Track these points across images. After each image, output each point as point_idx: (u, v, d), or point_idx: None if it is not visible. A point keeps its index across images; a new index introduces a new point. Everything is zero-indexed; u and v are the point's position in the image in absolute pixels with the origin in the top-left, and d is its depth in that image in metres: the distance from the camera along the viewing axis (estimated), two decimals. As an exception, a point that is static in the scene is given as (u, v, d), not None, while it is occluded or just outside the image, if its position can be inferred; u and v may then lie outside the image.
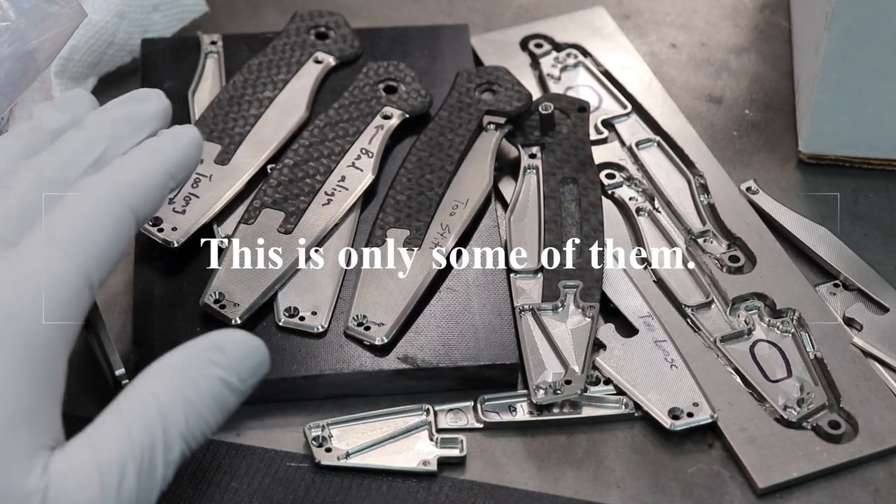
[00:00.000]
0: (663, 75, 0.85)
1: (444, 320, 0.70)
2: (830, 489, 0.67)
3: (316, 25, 0.84)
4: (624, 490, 0.67)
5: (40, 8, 0.68)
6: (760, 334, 0.72)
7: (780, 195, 0.79)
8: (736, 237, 0.76)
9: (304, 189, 0.75)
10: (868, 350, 0.71)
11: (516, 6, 0.90)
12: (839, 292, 0.74)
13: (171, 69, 0.82)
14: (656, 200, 0.78)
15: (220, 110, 0.79)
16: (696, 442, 0.68)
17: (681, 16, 0.90)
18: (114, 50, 0.83)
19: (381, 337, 0.69)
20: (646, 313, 0.72)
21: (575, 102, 0.80)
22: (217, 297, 0.70)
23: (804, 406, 0.69)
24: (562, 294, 0.72)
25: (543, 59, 0.85)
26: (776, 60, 0.87)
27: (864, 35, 0.75)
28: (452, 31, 0.85)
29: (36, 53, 0.69)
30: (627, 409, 0.69)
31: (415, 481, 0.66)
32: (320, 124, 0.78)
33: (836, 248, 0.76)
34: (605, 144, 0.81)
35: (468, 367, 0.69)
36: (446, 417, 0.69)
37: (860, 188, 0.80)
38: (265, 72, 0.81)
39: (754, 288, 0.73)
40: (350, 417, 0.68)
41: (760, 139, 0.82)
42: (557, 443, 0.68)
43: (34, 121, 0.63)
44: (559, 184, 0.76)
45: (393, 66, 0.81)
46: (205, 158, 0.76)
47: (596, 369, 0.70)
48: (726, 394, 0.69)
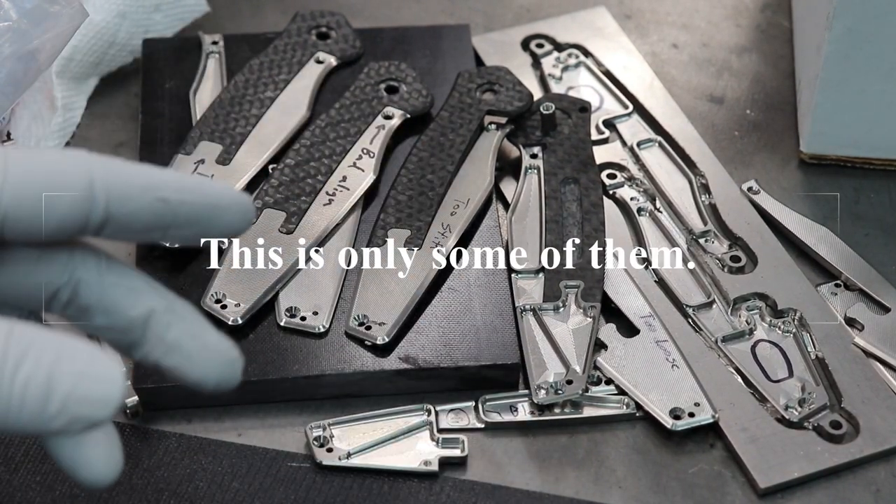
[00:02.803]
0: (664, 75, 0.85)
1: (446, 320, 0.70)
2: (832, 489, 0.67)
3: (317, 25, 0.84)
4: (625, 490, 0.67)
5: (42, 8, 0.68)
6: (762, 334, 0.72)
7: (781, 195, 0.79)
8: (737, 237, 0.76)
9: (305, 189, 0.75)
10: (869, 350, 0.71)
11: (517, 6, 0.90)
12: (840, 292, 0.74)
13: (172, 69, 0.82)
14: (657, 200, 0.78)
15: (221, 110, 0.79)
16: (698, 442, 0.68)
17: (682, 16, 0.90)
18: (115, 50, 0.83)
19: (383, 336, 0.69)
20: (647, 313, 0.72)
21: (576, 102, 0.80)
22: (218, 297, 0.70)
23: (805, 406, 0.69)
24: (563, 294, 0.72)
25: (545, 59, 0.85)
26: (777, 60, 0.87)
27: (865, 35, 0.75)
28: (454, 31, 0.85)
29: (37, 53, 0.69)
30: (629, 409, 0.69)
31: (416, 481, 0.66)
32: (321, 124, 0.78)
33: (838, 248, 0.76)
34: (606, 144, 0.81)
35: (469, 368, 0.69)
36: (447, 417, 0.69)
37: (861, 188, 0.80)
38: (266, 72, 0.81)
39: (755, 288, 0.73)
40: (351, 417, 0.68)
41: (762, 139, 0.82)
42: (559, 443, 0.68)
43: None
44: (560, 184, 0.76)
45: (394, 66, 0.81)
46: (206, 158, 0.76)
47: (597, 369, 0.70)
48: (727, 394, 0.69)
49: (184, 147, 0.77)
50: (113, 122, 0.82)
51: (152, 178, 0.52)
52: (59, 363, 0.49)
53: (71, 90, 0.82)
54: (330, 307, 0.70)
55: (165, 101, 0.81)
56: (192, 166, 0.76)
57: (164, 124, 0.79)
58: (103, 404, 0.49)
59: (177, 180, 0.53)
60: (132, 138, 0.81)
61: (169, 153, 0.77)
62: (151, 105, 0.80)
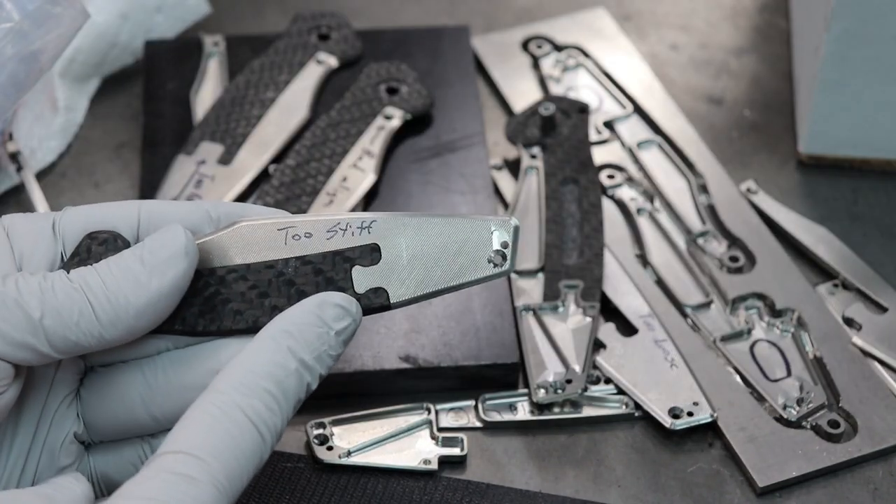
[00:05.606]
0: (663, 76, 0.86)
1: (446, 320, 0.71)
2: (830, 488, 0.67)
3: (318, 26, 0.84)
4: (624, 489, 0.67)
5: (44, 9, 0.68)
6: (760, 334, 0.72)
7: (779, 195, 0.79)
8: (736, 237, 0.76)
9: (306, 189, 0.75)
10: (867, 349, 0.71)
11: (517, 7, 0.90)
12: (838, 292, 0.74)
13: (173, 70, 0.82)
14: (656, 201, 0.78)
15: (222, 111, 0.79)
16: (696, 441, 0.69)
17: (681, 17, 0.90)
18: (117, 51, 0.83)
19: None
20: (646, 313, 0.73)
21: (575, 103, 0.80)
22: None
23: (804, 405, 0.69)
24: (562, 294, 0.72)
25: (544, 60, 0.86)
26: (776, 61, 0.87)
27: (863, 36, 0.75)
28: (453, 32, 0.86)
29: (39, 54, 0.69)
30: (628, 408, 0.69)
31: (411, 480, 0.66)
32: (322, 125, 0.78)
33: (836, 248, 0.76)
34: (605, 145, 0.81)
35: (469, 367, 0.69)
36: (447, 416, 0.69)
37: (859, 188, 0.80)
38: (267, 73, 0.81)
39: (754, 288, 0.74)
40: (351, 416, 0.68)
41: (760, 140, 0.83)
42: (558, 442, 0.69)
43: None
44: (560, 184, 0.77)
45: (394, 66, 0.82)
46: (207, 159, 0.77)
47: (596, 369, 0.70)
48: (726, 393, 0.69)
49: (185, 147, 0.77)
50: (115, 122, 0.82)
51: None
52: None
53: (73, 91, 0.82)
54: (330, 307, 0.70)
55: (167, 102, 0.81)
56: (194, 167, 0.76)
57: (165, 125, 0.80)
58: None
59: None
60: (134, 139, 0.81)
61: (170, 153, 0.77)
62: (153, 106, 0.81)
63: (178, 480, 0.48)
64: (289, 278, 0.54)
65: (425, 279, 0.53)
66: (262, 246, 0.54)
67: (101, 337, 0.51)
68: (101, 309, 0.51)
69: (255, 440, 0.50)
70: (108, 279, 0.51)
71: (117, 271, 0.51)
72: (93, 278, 0.51)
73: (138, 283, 0.51)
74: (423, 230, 0.53)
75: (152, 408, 0.54)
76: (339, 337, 0.53)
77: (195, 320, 0.54)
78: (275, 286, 0.54)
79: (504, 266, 0.53)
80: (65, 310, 0.51)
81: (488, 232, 0.53)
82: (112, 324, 0.51)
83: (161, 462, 0.48)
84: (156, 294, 0.52)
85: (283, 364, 0.51)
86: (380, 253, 0.53)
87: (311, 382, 0.52)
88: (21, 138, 0.78)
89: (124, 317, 0.51)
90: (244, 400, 0.50)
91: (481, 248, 0.53)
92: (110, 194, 0.79)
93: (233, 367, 0.51)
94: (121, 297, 0.51)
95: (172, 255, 0.52)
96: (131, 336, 0.52)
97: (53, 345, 0.51)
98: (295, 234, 0.54)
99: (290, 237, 0.54)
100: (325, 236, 0.54)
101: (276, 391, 0.51)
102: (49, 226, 0.54)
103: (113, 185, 0.79)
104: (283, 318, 0.52)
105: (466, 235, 0.53)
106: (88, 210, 0.54)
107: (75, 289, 0.51)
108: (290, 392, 0.51)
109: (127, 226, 0.54)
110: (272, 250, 0.54)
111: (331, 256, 0.53)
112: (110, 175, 0.80)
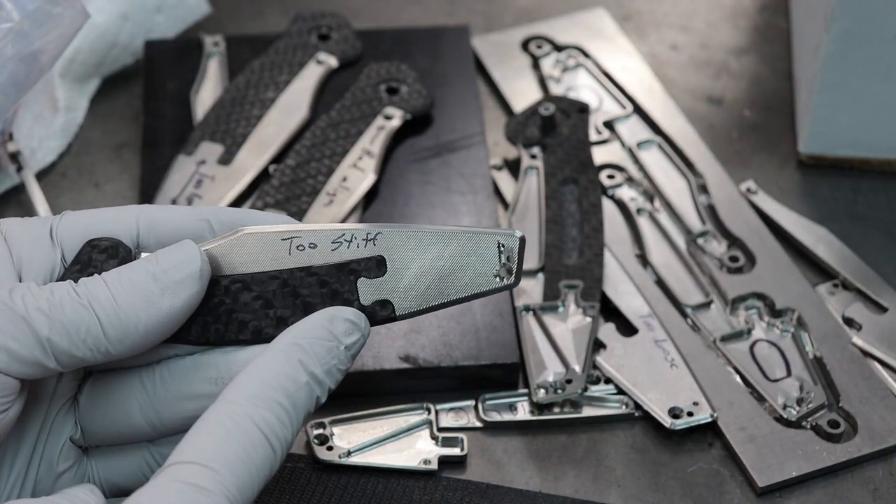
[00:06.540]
0: (663, 76, 0.86)
1: (446, 320, 0.71)
2: (830, 488, 0.67)
3: (318, 27, 0.84)
4: (624, 489, 0.67)
5: (44, 9, 0.69)
6: (760, 334, 0.72)
7: (779, 195, 0.79)
8: (735, 237, 0.76)
9: (306, 189, 0.75)
10: (867, 350, 0.71)
11: (517, 7, 0.90)
12: (838, 292, 0.74)
13: (173, 70, 0.82)
14: (656, 201, 0.78)
15: (222, 111, 0.79)
16: (696, 441, 0.69)
17: (681, 17, 0.90)
18: (117, 51, 0.83)
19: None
20: (646, 313, 0.73)
21: (575, 103, 0.80)
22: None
23: (804, 405, 0.69)
24: (562, 294, 0.72)
25: (544, 61, 0.86)
26: (776, 62, 0.87)
27: (862, 36, 0.75)
28: (453, 32, 0.86)
29: (40, 55, 0.69)
30: (628, 408, 0.69)
31: (411, 480, 0.66)
32: (322, 125, 0.78)
33: (836, 248, 0.76)
34: (605, 145, 0.81)
35: (469, 367, 0.69)
36: (447, 416, 0.69)
37: (859, 188, 0.80)
38: (267, 73, 0.81)
39: (754, 288, 0.74)
40: (352, 416, 0.68)
41: (760, 140, 0.83)
42: (558, 442, 0.69)
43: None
44: (560, 184, 0.77)
45: (394, 66, 0.82)
46: (207, 159, 0.77)
47: (596, 369, 0.70)
48: (726, 393, 0.70)
49: (185, 147, 0.77)
50: (115, 122, 0.83)
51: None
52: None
53: (73, 91, 0.82)
54: (330, 307, 0.71)
55: (167, 102, 0.81)
56: (194, 167, 0.76)
57: (165, 125, 0.80)
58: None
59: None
60: (134, 139, 0.81)
61: (170, 154, 0.77)
62: (153, 106, 0.81)
63: (190, 491, 0.48)
64: (294, 289, 0.53)
65: (430, 292, 0.53)
66: (266, 256, 0.54)
67: (107, 353, 0.51)
68: (111, 325, 0.51)
69: (267, 453, 0.50)
70: (119, 295, 0.51)
71: (129, 286, 0.51)
72: (102, 293, 0.51)
73: (150, 302, 0.51)
74: (429, 243, 0.53)
75: (150, 415, 0.54)
76: (349, 352, 0.53)
77: (199, 330, 0.54)
78: (280, 297, 0.54)
79: (509, 280, 0.53)
80: (72, 326, 0.50)
81: (495, 246, 0.53)
82: (120, 340, 0.51)
83: (173, 472, 0.48)
84: (167, 314, 0.51)
85: (295, 377, 0.51)
86: (385, 265, 0.53)
87: (320, 396, 0.52)
88: (21, 138, 0.78)
89: (133, 334, 0.51)
90: (257, 412, 0.50)
91: (487, 262, 0.53)
92: (110, 194, 0.79)
93: (245, 378, 0.51)
94: (131, 314, 0.51)
95: (187, 276, 0.52)
96: (136, 352, 0.52)
97: (60, 360, 0.51)
98: (300, 244, 0.54)
99: (294, 247, 0.54)
100: (330, 247, 0.53)
101: (287, 404, 0.50)
102: (46, 232, 0.54)
103: (113, 185, 0.79)
104: (293, 331, 0.52)
105: (472, 249, 0.53)
106: (86, 215, 0.54)
107: (83, 305, 0.51)
108: (301, 405, 0.51)
109: (126, 232, 0.54)
110: (277, 261, 0.54)
111: (336, 268, 0.53)
112: (110, 175, 0.80)
